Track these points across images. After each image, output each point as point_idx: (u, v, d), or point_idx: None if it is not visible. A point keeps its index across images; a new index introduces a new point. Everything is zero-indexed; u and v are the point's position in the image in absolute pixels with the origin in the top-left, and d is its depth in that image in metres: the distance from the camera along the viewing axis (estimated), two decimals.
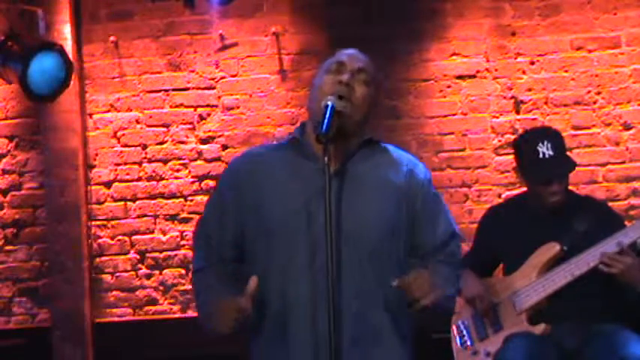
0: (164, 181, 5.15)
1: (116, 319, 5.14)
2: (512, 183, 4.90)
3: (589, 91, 4.99)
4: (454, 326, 3.93)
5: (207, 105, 5.16)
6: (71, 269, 5.04)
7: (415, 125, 5.07)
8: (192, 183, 5.14)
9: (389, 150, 2.64)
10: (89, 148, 5.18)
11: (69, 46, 4.93)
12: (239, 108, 5.14)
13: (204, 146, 5.14)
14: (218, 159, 5.12)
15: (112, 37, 5.16)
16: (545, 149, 3.67)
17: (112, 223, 5.17)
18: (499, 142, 5.01)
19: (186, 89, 5.17)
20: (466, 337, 3.86)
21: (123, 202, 5.17)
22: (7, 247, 5.21)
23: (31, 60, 4.27)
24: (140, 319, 5.12)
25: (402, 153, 2.67)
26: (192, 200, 5.13)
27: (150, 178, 5.16)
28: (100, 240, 5.16)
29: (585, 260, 3.58)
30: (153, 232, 5.15)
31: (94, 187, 5.17)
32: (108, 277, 5.15)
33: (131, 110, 5.19)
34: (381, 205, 2.52)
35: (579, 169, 4.77)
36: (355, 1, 5.10)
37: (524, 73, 5.03)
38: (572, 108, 4.99)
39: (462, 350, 3.88)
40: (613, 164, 4.97)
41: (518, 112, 5.01)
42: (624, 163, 4.96)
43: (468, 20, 5.06)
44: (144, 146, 5.17)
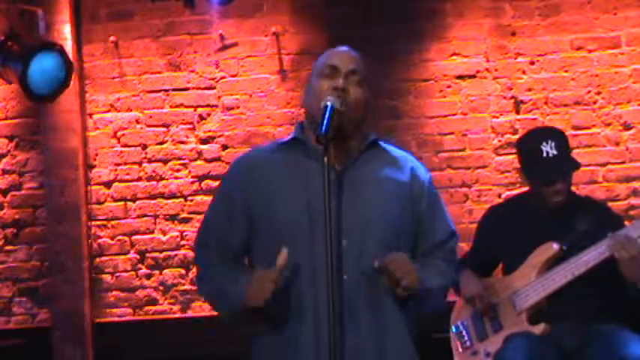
0: (164, 181, 5.15)
1: (116, 319, 5.13)
2: (512, 183, 4.91)
3: (589, 91, 4.99)
4: (454, 326, 3.93)
5: (207, 105, 5.16)
6: (71, 269, 5.04)
7: (415, 125, 5.07)
8: (192, 183, 5.14)
9: (390, 150, 2.65)
10: (89, 148, 5.18)
11: (69, 46, 4.92)
12: (239, 108, 5.14)
13: (204, 146, 5.14)
14: (218, 159, 5.12)
15: (112, 37, 5.16)
16: (549, 148, 3.66)
17: (112, 223, 5.17)
18: (499, 142, 5.01)
19: (186, 89, 5.17)
20: (466, 337, 3.86)
21: (123, 202, 5.16)
22: (7, 247, 5.21)
23: (31, 60, 4.27)
24: (140, 319, 5.12)
25: (403, 153, 2.68)
26: (192, 200, 5.12)
27: (150, 178, 5.16)
28: (100, 240, 5.16)
29: (585, 260, 3.58)
30: (153, 232, 5.15)
31: (94, 187, 5.17)
32: (108, 277, 5.15)
33: (131, 110, 5.19)
34: (386, 207, 2.52)
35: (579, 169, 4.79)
36: (355, 1, 5.10)
37: (524, 73, 5.03)
38: (572, 108, 4.99)
39: (461, 350, 3.87)
40: (613, 164, 4.97)
41: (518, 112, 5.01)
42: (624, 163, 4.96)
43: (468, 20, 5.06)
44: (144, 146, 5.17)
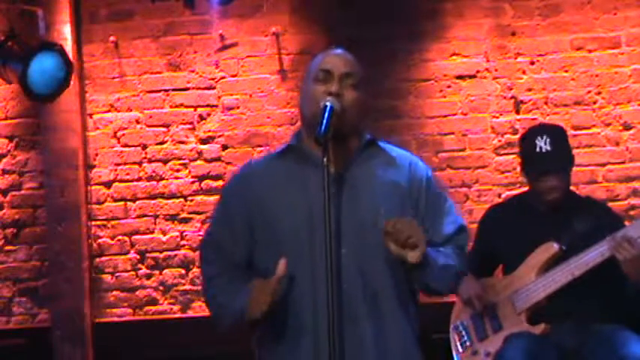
0: (164, 181, 5.15)
1: (116, 319, 5.13)
2: (512, 183, 4.91)
3: (589, 91, 4.99)
4: (453, 326, 3.93)
5: (207, 105, 5.16)
6: (71, 269, 5.03)
7: (415, 125, 5.06)
8: (192, 183, 5.14)
9: (388, 150, 2.64)
10: (89, 148, 5.18)
11: (69, 46, 4.92)
12: (239, 108, 5.14)
13: (204, 146, 5.14)
14: (218, 159, 5.12)
15: (112, 37, 5.16)
16: (543, 143, 3.68)
17: (112, 223, 5.17)
18: (499, 142, 5.01)
19: (186, 89, 5.17)
20: (466, 338, 3.86)
21: (123, 202, 5.16)
22: (7, 247, 5.21)
23: (31, 60, 4.27)
24: (140, 319, 5.12)
25: (401, 152, 2.66)
26: (192, 200, 5.12)
27: (150, 178, 5.16)
28: (100, 240, 5.16)
29: (584, 260, 3.58)
30: (153, 232, 5.15)
31: (94, 187, 5.17)
32: (108, 277, 5.15)
33: (131, 110, 5.18)
34: (384, 207, 2.50)
35: (579, 169, 4.78)
36: (355, 1, 5.10)
37: (524, 73, 5.03)
38: (572, 108, 4.99)
39: (461, 350, 3.87)
40: (613, 164, 4.96)
41: (518, 112, 5.01)
42: (624, 163, 4.96)
43: (468, 20, 5.06)
44: (144, 146, 5.17)
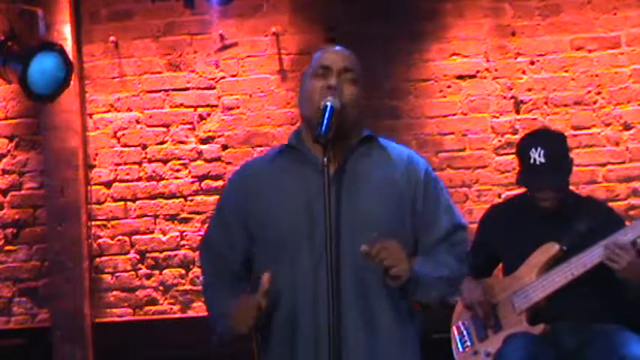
0: (164, 181, 5.15)
1: (116, 319, 5.13)
2: (512, 183, 4.88)
3: (589, 91, 4.99)
4: (454, 326, 3.93)
5: (207, 105, 5.16)
6: (71, 269, 5.03)
7: (415, 125, 5.06)
8: (192, 183, 5.14)
9: (387, 146, 2.64)
10: (89, 148, 5.18)
11: (69, 46, 4.92)
12: (239, 108, 5.14)
13: (204, 146, 5.14)
14: (218, 159, 5.12)
15: (112, 37, 5.16)
16: (537, 155, 3.64)
17: (112, 223, 5.17)
18: (499, 142, 5.01)
19: (186, 89, 5.17)
20: (466, 337, 3.86)
21: (123, 202, 5.16)
22: (7, 247, 5.21)
23: (31, 60, 4.26)
24: (140, 319, 5.12)
25: (400, 148, 2.66)
26: (192, 200, 5.12)
27: (150, 178, 5.16)
28: (100, 240, 5.16)
29: (584, 260, 3.58)
30: (153, 232, 5.15)
31: (94, 187, 5.17)
32: (108, 277, 5.15)
33: (131, 110, 5.18)
34: (382, 205, 2.51)
35: (579, 169, 4.79)
36: (355, 1, 5.10)
37: (524, 73, 5.03)
38: (572, 108, 4.99)
39: (462, 350, 3.87)
40: (613, 164, 4.96)
41: (518, 112, 5.01)
42: (624, 163, 4.96)
43: (468, 20, 5.06)
44: (144, 146, 5.17)
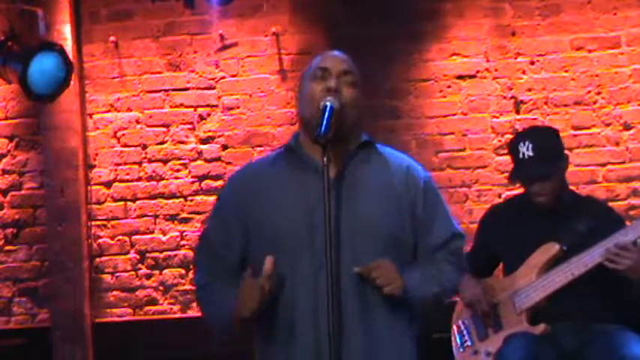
0: (164, 181, 5.15)
1: (116, 319, 5.13)
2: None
3: (589, 91, 4.99)
4: (454, 326, 3.93)
5: (207, 105, 5.16)
6: (71, 269, 5.03)
7: (415, 125, 5.06)
8: (192, 183, 5.14)
9: (385, 152, 2.63)
10: (89, 148, 5.18)
11: (69, 46, 4.92)
12: (239, 108, 5.14)
13: (204, 146, 5.14)
14: (218, 159, 5.12)
15: (112, 37, 5.16)
16: (525, 150, 3.65)
17: (112, 223, 5.17)
18: (499, 142, 5.01)
19: (186, 89, 5.17)
20: (466, 337, 3.86)
21: (123, 202, 5.16)
22: (7, 247, 5.21)
23: (31, 60, 4.26)
24: (140, 319, 5.12)
25: (398, 155, 2.66)
26: (192, 200, 5.12)
27: (150, 178, 5.16)
28: (100, 240, 5.16)
29: (585, 260, 3.57)
30: (153, 232, 5.15)
31: (94, 187, 5.17)
32: (108, 277, 5.15)
33: (131, 110, 5.18)
34: (382, 210, 2.51)
35: (579, 169, 4.80)
36: (355, 1, 5.10)
37: (524, 73, 5.03)
38: (572, 108, 4.99)
39: (462, 350, 3.87)
40: (613, 164, 4.96)
41: (518, 112, 5.01)
42: (624, 163, 4.96)
43: (468, 20, 5.06)
44: (144, 146, 5.17)
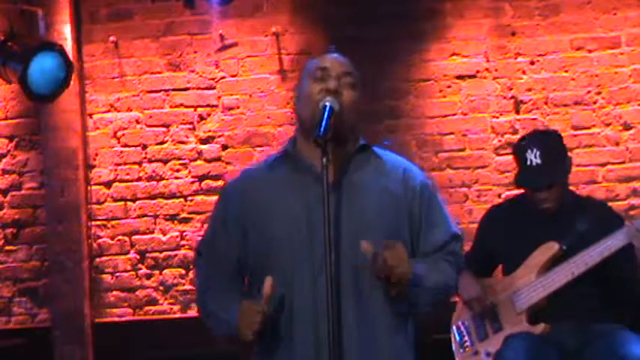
0: (164, 181, 5.15)
1: (116, 319, 5.13)
2: (512, 183, 4.89)
3: (589, 91, 4.99)
4: (454, 326, 3.93)
5: (207, 105, 5.16)
6: (71, 269, 5.03)
7: (415, 125, 5.06)
8: (192, 183, 5.14)
9: (383, 156, 2.62)
10: (89, 148, 5.18)
11: (69, 46, 4.92)
12: (239, 108, 5.14)
13: (204, 146, 5.14)
14: (218, 159, 5.12)
15: (112, 37, 5.16)
16: (533, 157, 3.65)
17: (112, 223, 5.17)
18: (499, 142, 5.01)
19: (186, 89, 5.17)
20: (466, 338, 3.86)
21: (123, 202, 5.16)
22: (7, 247, 5.21)
23: (31, 60, 4.26)
24: (140, 319, 5.12)
25: (395, 158, 2.65)
26: (192, 200, 5.12)
27: (150, 178, 5.16)
28: (100, 240, 5.16)
29: (585, 260, 3.58)
30: (153, 232, 5.15)
31: (94, 187, 5.17)
32: (108, 277, 5.15)
33: (131, 110, 5.18)
34: (381, 212, 2.50)
35: (579, 169, 4.80)
36: (355, 1, 5.10)
37: (524, 73, 5.03)
38: (572, 108, 4.99)
39: (462, 351, 3.88)
40: (613, 164, 4.96)
41: (518, 112, 5.01)
42: (624, 163, 4.96)
43: (468, 20, 5.06)
44: (144, 146, 5.17)
